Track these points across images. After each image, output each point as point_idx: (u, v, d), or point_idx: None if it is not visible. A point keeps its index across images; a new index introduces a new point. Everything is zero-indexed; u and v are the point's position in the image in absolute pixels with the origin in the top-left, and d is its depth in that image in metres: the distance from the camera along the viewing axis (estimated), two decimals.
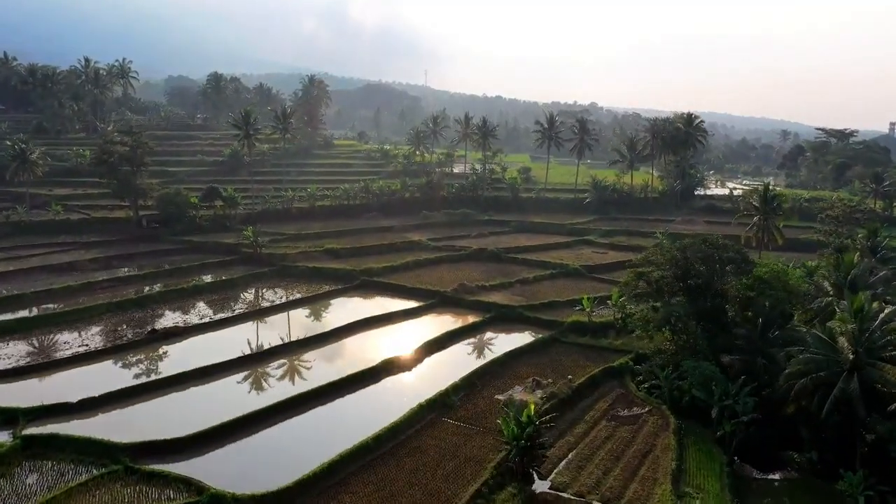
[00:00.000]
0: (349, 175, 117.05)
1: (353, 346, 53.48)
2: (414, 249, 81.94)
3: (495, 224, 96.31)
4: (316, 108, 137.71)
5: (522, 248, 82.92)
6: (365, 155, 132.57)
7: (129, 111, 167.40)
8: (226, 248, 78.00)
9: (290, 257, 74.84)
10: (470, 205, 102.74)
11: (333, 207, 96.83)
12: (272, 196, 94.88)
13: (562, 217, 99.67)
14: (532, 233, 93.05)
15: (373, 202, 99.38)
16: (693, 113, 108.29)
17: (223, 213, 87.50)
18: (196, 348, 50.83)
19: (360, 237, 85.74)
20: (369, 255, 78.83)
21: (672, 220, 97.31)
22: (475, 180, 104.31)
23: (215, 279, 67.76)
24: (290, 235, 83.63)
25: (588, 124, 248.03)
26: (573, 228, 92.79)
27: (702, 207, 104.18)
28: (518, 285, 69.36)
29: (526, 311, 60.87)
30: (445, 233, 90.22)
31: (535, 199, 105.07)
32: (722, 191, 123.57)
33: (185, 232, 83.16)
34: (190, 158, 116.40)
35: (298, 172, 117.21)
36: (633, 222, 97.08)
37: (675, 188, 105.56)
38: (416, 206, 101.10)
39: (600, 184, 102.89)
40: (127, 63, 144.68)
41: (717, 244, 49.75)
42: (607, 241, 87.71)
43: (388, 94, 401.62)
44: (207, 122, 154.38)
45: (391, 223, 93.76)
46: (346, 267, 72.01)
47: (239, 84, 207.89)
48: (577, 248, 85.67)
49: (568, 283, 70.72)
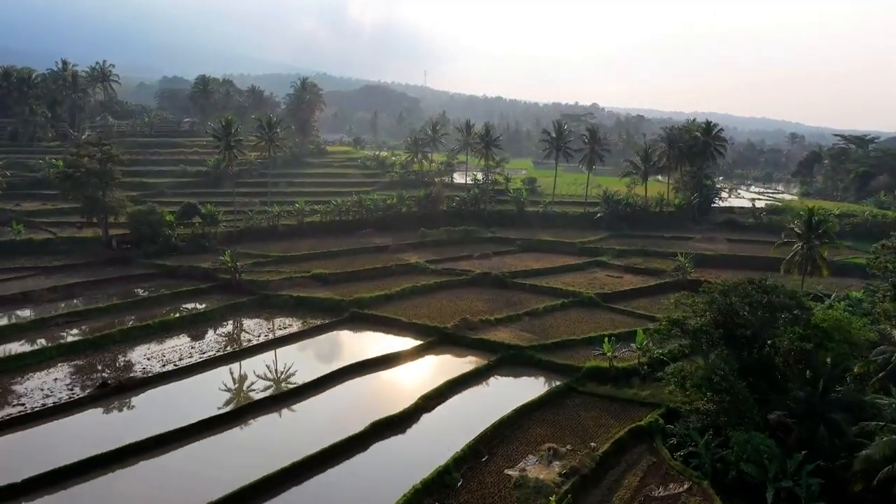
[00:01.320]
0: (342, 186, 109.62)
1: (338, 400, 45.97)
2: (411, 273, 74.50)
3: (500, 242, 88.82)
4: (308, 114, 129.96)
5: (530, 272, 75.45)
6: (360, 163, 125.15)
7: (113, 116, 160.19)
8: (202, 273, 70.48)
9: (272, 285, 67.31)
10: (472, 220, 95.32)
11: (324, 224, 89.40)
12: (257, 212, 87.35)
13: (571, 234, 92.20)
14: (540, 252, 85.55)
15: (367, 217, 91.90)
16: (711, 121, 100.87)
17: (202, 233, 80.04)
18: (153, 406, 43.38)
19: (351, 259, 78.27)
20: (361, 280, 71.37)
21: (691, 238, 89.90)
22: (477, 193, 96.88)
23: (186, 313, 60.16)
24: (274, 258, 76.13)
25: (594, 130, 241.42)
26: (584, 248, 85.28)
27: (722, 223, 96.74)
28: (527, 318, 61.84)
29: (537, 353, 53.36)
30: (445, 253, 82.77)
31: (542, 213, 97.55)
32: (740, 202, 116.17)
33: (159, 253, 75.68)
34: (172, 168, 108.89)
35: (288, 183, 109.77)
36: (648, 240, 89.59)
37: (692, 201, 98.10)
38: (414, 221, 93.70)
39: (612, 197, 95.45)
40: (108, 65, 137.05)
41: (766, 286, 42.34)
42: (622, 262, 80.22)
43: (387, 96, 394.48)
44: (195, 127, 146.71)
45: (386, 241, 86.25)
46: (335, 297, 64.50)
47: (231, 87, 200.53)
48: (590, 271, 78.19)
49: (582, 315, 63.26)
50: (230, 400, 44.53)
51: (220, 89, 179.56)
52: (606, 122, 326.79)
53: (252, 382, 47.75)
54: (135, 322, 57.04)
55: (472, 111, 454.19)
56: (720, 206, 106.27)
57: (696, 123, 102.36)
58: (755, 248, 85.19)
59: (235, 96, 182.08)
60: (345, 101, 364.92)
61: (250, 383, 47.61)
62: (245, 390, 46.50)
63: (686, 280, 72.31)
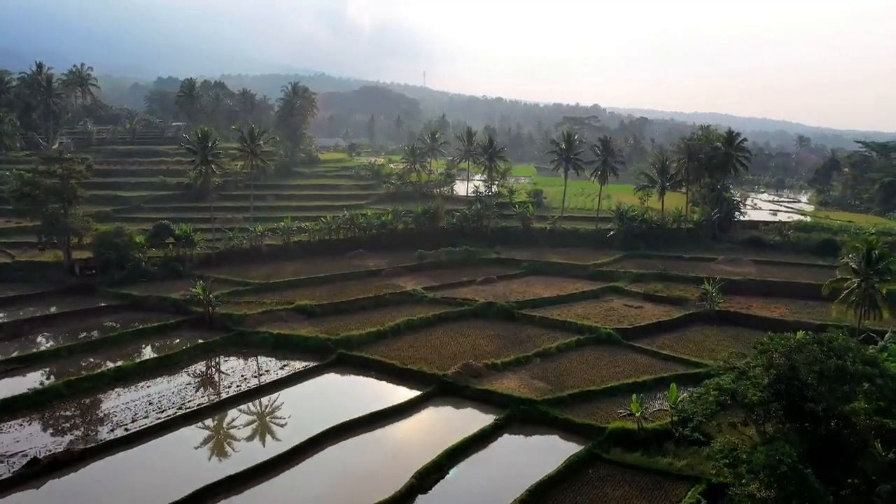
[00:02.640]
0: (334, 199, 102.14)
1: (315, 479, 38.23)
2: (406, 304, 66.89)
3: (505, 264, 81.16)
4: (299, 121, 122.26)
5: (539, 301, 67.83)
6: (354, 173, 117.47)
7: (97, 121, 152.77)
8: (173, 305, 62.85)
9: (250, 320, 59.64)
10: (474, 238, 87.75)
11: (312, 244, 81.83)
12: (238, 230, 79.66)
13: (582, 254, 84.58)
14: (549, 276, 77.94)
15: (359, 236, 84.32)
16: (734, 130, 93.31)
17: (176, 256, 72.47)
18: (87, 494, 35.79)
19: (340, 286, 70.65)
20: (351, 313, 63.79)
21: (713, 259, 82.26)
22: (480, 209, 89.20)
23: (149, 357, 52.45)
24: (254, 286, 68.44)
25: (593, 132, 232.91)
26: (597, 271, 77.61)
27: (745, 241, 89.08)
28: (538, 361, 54.21)
29: (552, 409, 45.70)
30: (445, 277, 75.18)
31: (550, 230, 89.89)
32: (759, 214, 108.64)
33: (127, 280, 68.08)
34: (150, 180, 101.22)
35: (276, 196, 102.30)
36: (666, 261, 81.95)
37: (712, 217, 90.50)
38: (411, 239, 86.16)
39: (625, 213, 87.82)
40: (86, 69, 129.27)
41: (837, 348, 34.74)
42: (640, 288, 72.59)
43: (385, 97, 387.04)
44: (181, 133, 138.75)
45: (380, 264, 78.66)
46: (321, 335, 56.87)
47: (223, 89, 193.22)
48: (605, 299, 70.57)
49: (600, 356, 55.62)
50: (182, 478, 36.75)
51: (210, 93, 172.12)
52: (609, 125, 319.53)
53: (210, 455, 40.11)
54: (87, 369, 49.51)
55: (472, 112, 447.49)
56: (740, 220, 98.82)
57: (717, 133, 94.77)
58: (785, 271, 77.60)
59: (226, 100, 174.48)
60: (342, 103, 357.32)
61: (208, 455, 39.98)
62: (200, 465, 38.79)
63: (714, 311, 64.84)
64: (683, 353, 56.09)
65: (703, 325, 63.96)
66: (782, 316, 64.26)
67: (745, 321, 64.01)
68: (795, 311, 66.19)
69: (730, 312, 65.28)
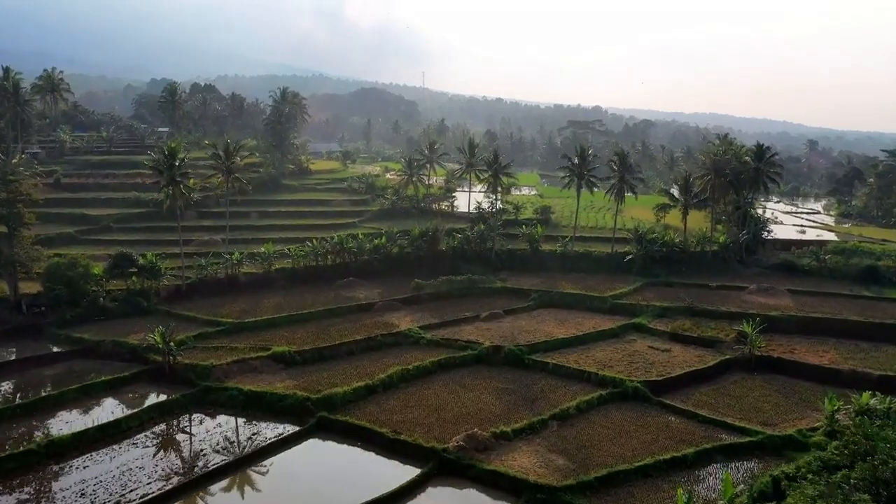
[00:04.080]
0: (324, 217, 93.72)
1: None
2: (401, 347, 58.39)
3: (512, 295, 72.49)
4: (287, 130, 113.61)
5: (553, 343, 59.21)
6: (347, 185, 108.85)
7: (78, 127, 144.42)
8: (130, 352, 54.30)
9: (218, 371, 51.05)
10: (477, 262, 79.30)
11: (297, 271, 73.36)
12: (212, 258, 71.04)
13: (598, 281, 76.02)
14: (561, 309, 69.35)
15: (350, 262, 75.83)
16: (764, 144, 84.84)
17: (140, 289, 63.97)
18: None
19: (326, 325, 62.06)
20: (336, 360, 55.36)
21: (744, 288, 73.70)
22: (483, 231, 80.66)
23: (89, 427, 43.79)
24: (227, 326, 59.71)
25: (597, 137, 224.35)
26: (616, 304, 69.03)
27: (776, 266, 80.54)
28: (555, 426, 45.64)
29: (576, 497, 37.31)
30: (445, 312, 66.61)
31: (560, 253, 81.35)
32: (784, 230, 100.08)
33: (82, 319, 59.69)
34: (123, 196, 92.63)
35: (260, 214, 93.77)
36: (691, 290, 73.39)
37: (739, 239, 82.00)
38: (407, 265, 77.77)
39: (644, 236, 79.28)
40: (57, 74, 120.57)
41: None
42: (666, 326, 64.04)
43: (383, 99, 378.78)
44: (164, 141, 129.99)
45: (371, 295, 70.17)
46: (299, 392, 48.28)
47: (214, 92, 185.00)
48: (627, 339, 61.99)
49: (628, 419, 47.10)
50: None
51: (197, 96, 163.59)
52: (613, 128, 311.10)
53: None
54: (14, 443, 41.01)
55: (471, 113, 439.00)
56: (767, 238, 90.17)
57: (746, 148, 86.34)
58: (826, 304, 69.04)
59: (214, 104, 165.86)
60: (339, 105, 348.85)
61: None
62: None
63: (754, 356, 56.40)
64: (726, 415, 47.64)
65: (742, 374, 55.47)
66: (833, 363, 55.75)
67: (790, 369, 55.52)
68: (846, 355, 57.67)
69: (772, 358, 56.78)
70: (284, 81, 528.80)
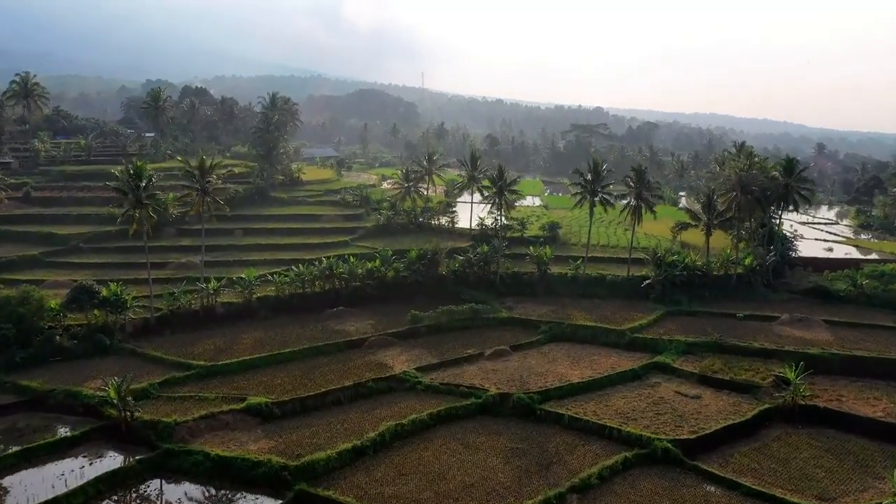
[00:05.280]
0: (314, 235, 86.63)
1: None
2: (395, 394, 51.42)
3: (519, 327, 65.33)
4: (277, 138, 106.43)
5: (567, 389, 52.17)
6: (340, 198, 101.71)
7: (60, 133, 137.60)
8: (83, 404, 47.27)
9: (183, 430, 43.97)
10: (480, 288, 72.39)
11: (281, 300, 66.31)
12: (185, 286, 63.99)
13: (614, 309, 68.99)
14: (575, 343, 62.32)
15: (339, 288, 68.82)
16: (793, 157, 77.91)
17: (103, 324, 56.95)
18: None
19: (310, 366, 54.94)
20: (321, 411, 48.50)
21: (775, 318, 66.75)
22: (487, 253, 73.66)
23: None
24: (197, 369, 52.44)
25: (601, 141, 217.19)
26: (636, 339, 62.00)
27: (807, 292, 73.59)
28: (575, 501, 38.90)
29: None
30: (445, 348, 59.56)
31: (571, 277, 74.39)
32: (808, 246, 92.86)
33: (34, 361, 52.68)
34: (97, 212, 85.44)
35: (245, 231, 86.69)
36: (717, 321, 66.47)
37: (766, 261, 75.07)
38: (403, 291, 70.87)
39: (664, 259, 72.32)
40: (31, 80, 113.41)
41: None
42: (693, 365, 57.07)
43: (382, 100, 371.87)
44: (148, 149, 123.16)
45: (363, 328, 63.14)
46: (275, 458, 41.16)
47: (203, 96, 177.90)
48: (650, 381, 55.01)
49: (660, 491, 40.15)
50: None
51: (186, 101, 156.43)
52: (616, 130, 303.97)
53: None
54: None
55: (471, 114, 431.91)
56: (794, 255, 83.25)
57: (774, 162, 79.45)
58: (870, 338, 62.06)
59: (205, 108, 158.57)
60: (337, 107, 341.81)
61: None
62: None
63: (797, 406, 49.50)
64: (774, 484, 40.84)
65: (785, 428, 48.57)
66: (889, 415, 48.86)
67: (839, 421, 48.66)
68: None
69: (817, 408, 49.85)
70: (282, 82, 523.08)
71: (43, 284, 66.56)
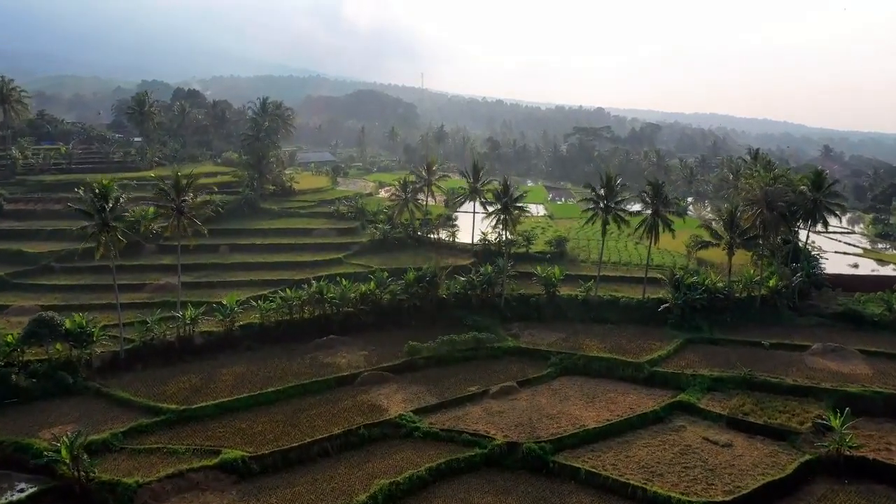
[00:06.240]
0: (305, 252, 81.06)
1: None
2: (389, 442, 45.80)
3: (527, 358, 59.52)
4: (267, 146, 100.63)
5: (583, 435, 46.51)
6: (334, 210, 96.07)
7: (44, 138, 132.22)
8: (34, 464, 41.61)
9: (145, 493, 38.35)
10: (484, 312, 66.83)
11: (266, 328, 60.68)
12: (159, 313, 58.33)
13: (629, 337, 63.31)
14: (588, 377, 56.66)
15: (331, 314, 63.17)
16: (821, 169, 72.43)
17: (66, 360, 51.35)
18: None
19: (296, 408, 49.22)
20: (306, 466, 42.90)
21: (805, 348, 61.15)
22: (491, 274, 68.02)
23: None
24: (168, 414, 46.61)
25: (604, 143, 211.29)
26: (656, 373, 56.34)
27: (837, 316, 67.96)
28: None
29: None
30: (445, 386, 53.80)
31: (583, 300, 68.81)
32: (834, 261, 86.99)
33: None
34: (72, 227, 79.47)
35: (231, 248, 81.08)
36: (743, 351, 60.69)
37: (792, 283, 69.48)
38: (399, 316, 65.37)
39: (682, 281, 66.70)
40: (8, 84, 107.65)
41: None
42: (721, 405, 51.40)
43: (381, 102, 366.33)
44: (133, 156, 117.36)
45: (356, 361, 57.40)
46: None
47: (194, 98, 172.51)
48: (674, 426, 49.36)
49: None
50: None
51: (176, 105, 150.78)
52: (619, 132, 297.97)
53: None
54: None
55: (472, 115, 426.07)
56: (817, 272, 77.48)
57: (802, 176, 73.85)
58: None
59: (195, 112, 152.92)
60: (336, 108, 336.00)
61: None
62: None
63: (842, 457, 43.92)
64: None
65: (829, 483, 42.99)
66: None
67: (891, 477, 43.06)
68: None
69: (866, 461, 44.24)
70: (281, 82, 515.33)
71: (6, 311, 61.44)
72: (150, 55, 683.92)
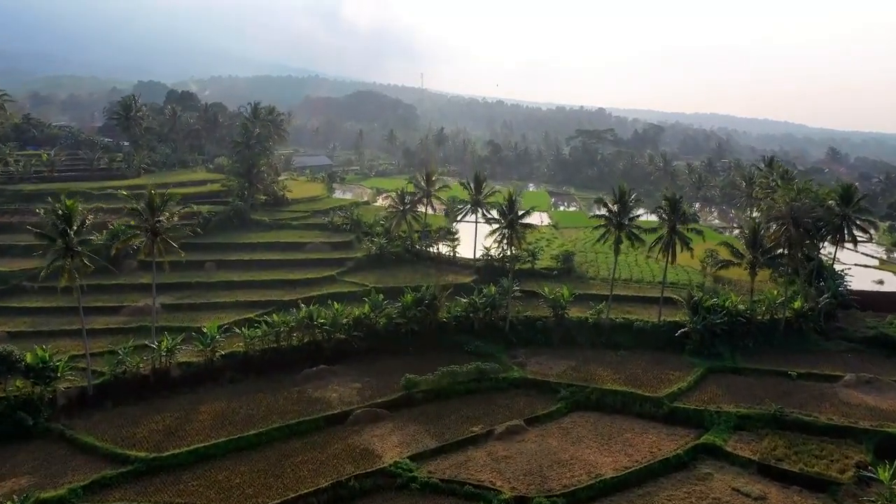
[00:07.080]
0: (296, 269, 76.15)
1: None
2: (384, 495, 40.91)
3: (534, 392, 54.50)
4: (258, 154, 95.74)
5: (598, 487, 41.76)
6: (328, 221, 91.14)
7: (30, 143, 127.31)
8: None
9: None
10: (487, 337, 62.00)
11: (250, 358, 55.78)
12: (133, 342, 53.51)
13: (645, 366, 58.37)
14: (602, 414, 51.85)
15: (322, 341, 58.27)
16: (851, 183, 67.59)
17: (26, 399, 46.49)
18: None
19: (280, 454, 44.37)
20: None
21: (836, 378, 56.30)
22: (495, 296, 63.14)
23: None
24: (137, 465, 41.96)
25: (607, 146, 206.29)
26: (677, 409, 51.46)
27: (867, 340, 63.11)
28: None
29: None
30: (446, 425, 48.92)
31: (594, 323, 63.96)
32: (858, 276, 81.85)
33: None
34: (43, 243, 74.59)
35: (218, 264, 76.18)
36: (769, 382, 55.91)
37: (818, 305, 64.63)
38: (396, 342, 60.50)
39: (700, 303, 61.80)
40: None
41: None
42: (750, 448, 46.58)
43: (380, 102, 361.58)
44: (118, 163, 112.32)
45: (348, 395, 52.49)
46: None
47: (187, 101, 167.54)
48: (700, 473, 44.50)
49: None
50: None
51: (166, 108, 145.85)
52: (622, 134, 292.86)
53: None
54: None
55: (471, 115, 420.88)
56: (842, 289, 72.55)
57: (829, 190, 69.02)
58: None
59: (186, 116, 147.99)
60: (334, 109, 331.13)
61: None
62: None
63: None
64: None
65: None
66: None
67: None
68: None
69: None
70: (280, 82, 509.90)
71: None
72: (150, 55, 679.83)
